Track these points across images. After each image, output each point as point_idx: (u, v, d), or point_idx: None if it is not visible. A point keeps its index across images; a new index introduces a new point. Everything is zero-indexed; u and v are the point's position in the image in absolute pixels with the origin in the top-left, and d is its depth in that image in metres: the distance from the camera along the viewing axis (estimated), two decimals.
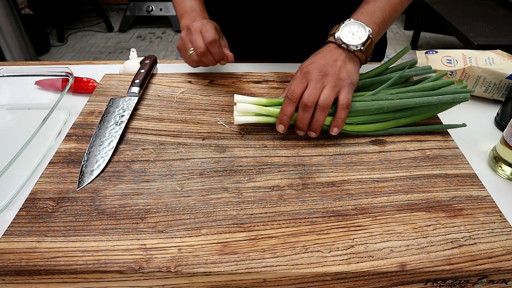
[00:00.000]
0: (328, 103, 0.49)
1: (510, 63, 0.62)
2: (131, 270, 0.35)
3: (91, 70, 0.71)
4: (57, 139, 0.56)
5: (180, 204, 0.42)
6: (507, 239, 0.38)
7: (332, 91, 0.49)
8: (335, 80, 0.50)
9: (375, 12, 0.55)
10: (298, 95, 0.49)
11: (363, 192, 0.43)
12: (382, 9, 0.56)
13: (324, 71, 0.50)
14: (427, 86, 0.54)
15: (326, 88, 0.49)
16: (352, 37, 0.53)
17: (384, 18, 0.55)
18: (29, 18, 2.57)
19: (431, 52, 0.69)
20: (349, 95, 0.50)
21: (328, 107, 0.49)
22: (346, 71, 0.51)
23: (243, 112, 0.51)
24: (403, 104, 0.51)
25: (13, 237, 0.38)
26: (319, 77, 0.50)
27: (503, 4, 2.58)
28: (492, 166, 0.52)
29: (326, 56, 0.52)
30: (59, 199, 0.42)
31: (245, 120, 0.51)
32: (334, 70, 0.50)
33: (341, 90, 0.50)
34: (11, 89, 0.65)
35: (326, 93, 0.49)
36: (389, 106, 0.51)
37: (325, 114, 0.49)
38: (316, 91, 0.49)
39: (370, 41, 0.53)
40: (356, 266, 0.35)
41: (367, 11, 0.55)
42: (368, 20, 0.54)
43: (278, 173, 0.46)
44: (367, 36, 0.52)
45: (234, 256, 0.36)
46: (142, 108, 0.57)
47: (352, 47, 0.52)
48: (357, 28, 0.53)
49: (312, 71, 0.50)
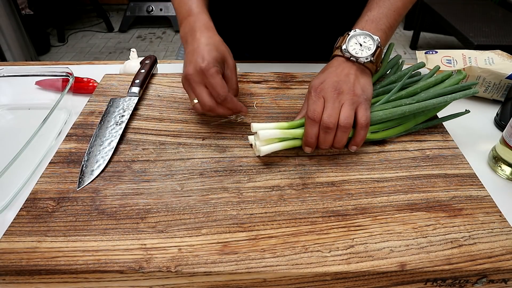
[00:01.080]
0: (349, 122, 0.47)
1: (510, 63, 0.62)
2: (131, 270, 0.35)
3: (91, 70, 0.72)
4: (58, 139, 0.56)
5: (180, 204, 0.42)
6: (506, 239, 0.38)
7: (351, 109, 0.47)
8: (352, 97, 0.48)
9: (381, 18, 0.52)
10: (319, 115, 0.47)
11: (363, 192, 0.43)
12: (387, 14, 0.53)
13: (339, 89, 0.48)
14: (430, 82, 0.54)
15: (345, 106, 0.47)
16: (360, 48, 0.50)
17: (390, 24, 0.53)
18: (30, 18, 2.58)
19: (430, 52, 0.70)
20: (367, 112, 0.48)
21: (350, 127, 0.47)
22: (360, 85, 0.49)
23: (267, 141, 0.47)
24: (423, 107, 0.51)
25: (14, 237, 0.38)
26: (335, 96, 0.47)
27: (503, 4, 2.58)
28: (492, 166, 0.52)
29: (336, 71, 0.50)
30: (59, 199, 0.42)
31: (272, 149, 0.47)
32: (349, 86, 0.48)
33: (359, 107, 0.48)
34: (12, 89, 0.65)
35: (346, 113, 0.47)
36: (410, 110, 0.50)
37: (346, 134, 0.47)
38: (335, 111, 0.47)
39: (379, 50, 0.51)
40: (356, 266, 0.35)
41: (372, 19, 0.52)
42: (374, 28, 0.52)
43: (278, 173, 0.46)
44: (376, 46, 0.50)
45: (234, 256, 0.36)
46: (142, 108, 0.57)
47: (362, 59, 0.50)
48: (364, 38, 0.51)
49: (327, 89, 0.48)
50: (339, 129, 0.47)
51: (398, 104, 0.51)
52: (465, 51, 0.67)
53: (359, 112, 0.48)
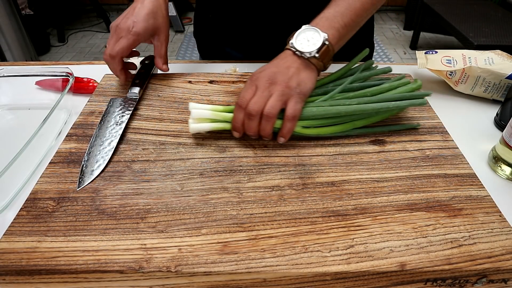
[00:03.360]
0: (273, 112, 0.47)
1: (510, 63, 0.62)
2: (131, 270, 0.35)
3: (91, 70, 0.72)
4: (58, 139, 0.56)
5: (180, 204, 0.42)
6: (506, 239, 0.38)
7: (279, 100, 0.48)
8: (283, 89, 0.48)
9: (335, 16, 0.53)
10: (246, 101, 0.48)
11: (363, 192, 0.43)
12: (343, 13, 0.53)
13: (273, 79, 0.49)
14: (384, 87, 0.54)
15: (273, 97, 0.48)
16: (307, 43, 0.51)
17: (345, 22, 0.53)
18: (30, 18, 2.58)
19: (430, 52, 0.70)
20: (297, 105, 0.48)
21: (273, 117, 0.47)
22: (297, 79, 0.49)
23: (199, 119, 0.50)
24: (360, 110, 0.50)
25: (14, 237, 0.38)
26: (267, 85, 0.48)
27: (503, 4, 2.58)
28: (492, 166, 0.52)
29: (279, 63, 0.51)
30: (59, 199, 0.42)
31: (200, 128, 0.50)
32: (283, 78, 0.49)
33: (289, 99, 0.48)
34: (12, 89, 0.65)
35: (271, 103, 0.47)
36: (347, 111, 0.50)
37: (270, 123, 0.48)
38: (261, 100, 0.48)
39: (325, 47, 0.51)
40: (356, 266, 0.35)
41: (327, 16, 0.53)
42: (328, 25, 0.52)
43: (278, 173, 0.46)
44: (322, 42, 0.50)
45: (234, 256, 0.36)
46: (142, 108, 0.57)
47: (306, 54, 0.50)
48: (312, 34, 0.51)
49: (261, 78, 0.49)
50: (262, 118, 0.48)
51: (336, 103, 0.51)
52: (465, 51, 0.67)
53: (288, 104, 0.48)
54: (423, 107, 0.58)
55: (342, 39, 0.54)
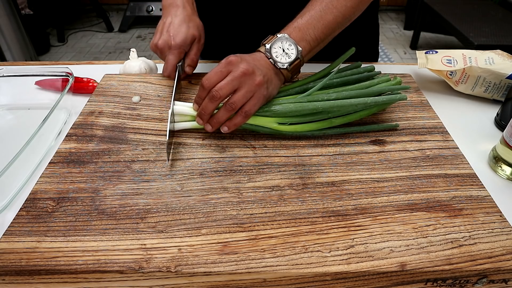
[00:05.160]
0: (235, 107, 0.48)
1: (510, 63, 0.62)
2: (131, 270, 0.35)
3: (91, 70, 0.72)
4: (57, 139, 0.56)
5: (180, 204, 0.42)
6: (507, 239, 0.38)
7: (244, 96, 0.47)
8: (255, 87, 0.48)
9: (308, 29, 0.53)
10: (213, 84, 0.47)
11: (363, 192, 0.43)
12: (315, 26, 0.53)
13: (249, 71, 0.47)
14: (364, 84, 0.54)
15: (241, 90, 0.47)
16: (282, 54, 0.51)
17: (316, 36, 0.53)
18: (29, 18, 2.58)
19: (431, 52, 0.69)
20: (256, 106, 0.48)
21: (233, 111, 0.48)
22: (269, 83, 0.50)
23: (181, 117, 0.51)
24: (338, 105, 0.50)
25: (13, 237, 0.38)
26: (241, 74, 0.47)
27: (503, 4, 2.58)
28: (492, 166, 0.52)
29: (255, 58, 0.50)
30: (59, 199, 0.42)
31: (181, 126, 0.51)
32: (259, 78, 0.48)
33: (253, 97, 0.48)
34: (11, 89, 0.65)
35: (238, 96, 0.47)
36: (324, 106, 0.50)
37: (228, 115, 0.48)
38: (229, 87, 0.47)
39: (298, 61, 0.51)
40: (356, 266, 0.35)
41: (299, 27, 0.53)
42: (300, 37, 0.52)
43: (278, 173, 0.46)
44: (296, 57, 0.51)
45: (234, 256, 0.36)
46: (142, 108, 0.57)
47: (279, 65, 0.51)
48: (289, 45, 0.51)
49: (237, 64, 0.48)
50: (223, 107, 0.48)
51: (314, 99, 0.51)
52: (465, 51, 0.67)
53: (250, 100, 0.48)
54: (423, 107, 0.58)
55: (312, 52, 0.55)
